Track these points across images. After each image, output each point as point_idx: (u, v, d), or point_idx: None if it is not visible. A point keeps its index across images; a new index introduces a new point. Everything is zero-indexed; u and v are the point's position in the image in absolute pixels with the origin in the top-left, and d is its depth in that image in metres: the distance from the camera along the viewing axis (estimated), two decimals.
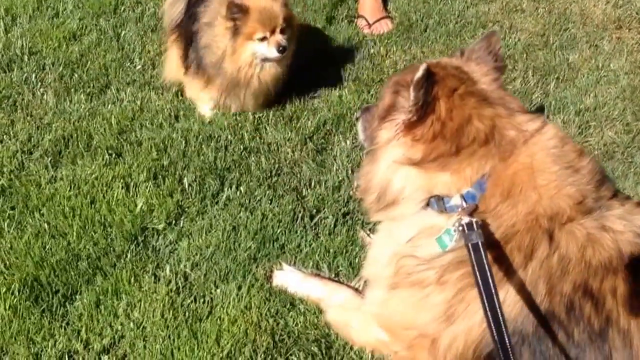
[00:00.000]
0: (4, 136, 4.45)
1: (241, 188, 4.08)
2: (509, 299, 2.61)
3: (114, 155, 4.32)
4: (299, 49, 4.78)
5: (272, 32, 4.37)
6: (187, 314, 3.33)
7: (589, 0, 6.28)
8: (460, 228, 2.57)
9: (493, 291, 2.42)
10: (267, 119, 4.69)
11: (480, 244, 2.49)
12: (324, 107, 4.80)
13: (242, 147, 4.41)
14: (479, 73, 2.84)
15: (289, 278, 3.52)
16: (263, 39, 4.38)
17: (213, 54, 4.49)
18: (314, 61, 5.27)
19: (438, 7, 6.17)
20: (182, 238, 3.76)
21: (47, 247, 3.66)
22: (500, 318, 2.39)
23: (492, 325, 2.38)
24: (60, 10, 5.98)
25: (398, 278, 2.85)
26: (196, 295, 3.44)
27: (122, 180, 4.10)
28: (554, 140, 2.71)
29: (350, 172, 4.21)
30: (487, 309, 2.40)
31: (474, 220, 2.56)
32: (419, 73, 2.59)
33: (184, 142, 4.43)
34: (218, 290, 3.45)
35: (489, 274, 2.44)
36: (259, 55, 4.42)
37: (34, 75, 5.04)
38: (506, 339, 2.36)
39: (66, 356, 3.16)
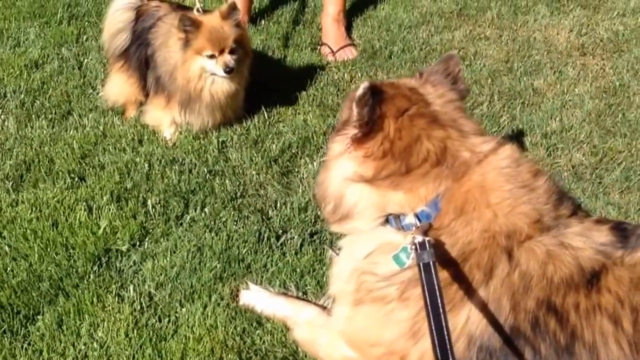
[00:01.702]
0: None
1: (206, 210, 4.04)
2: (473, 316, 2.59)
3: (76, 179, 4.28)
4: (262, 75, 4.79)
5: (221, 51, 4.42)
6: (151, 333, 3.27)
7: (553, 29, 6.36)
8: (413, 247, 2.55)
9: (441, 311, 2.38)
10: (232, 142, 4.67)
11: (431, 263, 2.47)
12: (289, 131, 4.79)
13: (206, 170, 4.38)
14: (434, 95, 2.84)
15: (256, 297, 3.47)
16: (212, 56, 4.43)
17: (168, 64, 4.56)
18: (278, 87, 5.27)
19: (402, 35, 6.21)
20: (146, 259, 3.70)
21: (8, 268, 3.59)
22: (447, 338, 2.34)
23: (438, 348, 2.34)
24: (21, 40, 6.01)
25: (360, 294, 2.82)
26: (161, 314, 3.37)
27: (84, 203, 4.05)
28: (507, 160, 2.71)
29: None
30: (434, 330, 2.36)
31: (426, 239, 2.54)
32: (360, 90, 2.61)
33: (147, 165, 4.39)
34: (183, 310, 3.39)
35: (438, 294, 2.40)
36: (208, 70, 4.47)
37: None
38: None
39: None
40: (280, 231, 3.90)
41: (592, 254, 2.57)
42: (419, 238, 2.53)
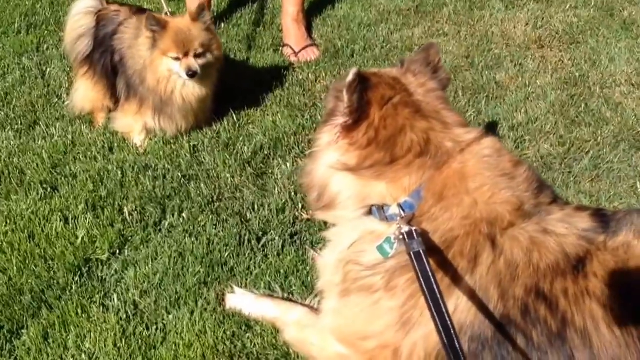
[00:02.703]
0: None
1: (183, 215, 4.03)
2: (461, 305, 2.59)
3: (49, 189, 4.23)
4: (227, 77, 4.78)
5: (186, 54, 4.38)
6: (140, 341, 3.24)
7: (509, 23, 6.45)
8: (401, 237, 2.57)
9: (439, 298, 2.41)
10: (203, 146, 4.65)
11: (422, 252, 2.48)
12: (259, 133, 4.79)
13: (180, 175, 4.36)
14: (415, 84, 2.83)
15: (242, 300, 3.46)
16: (177, 59, 4.39)
17: (137, 64, 4.52)
18: (244, 89, 5.27)
19: (362, 33, 6.25)
20: (127, 267, 3.67)
21: None
22: (450, 325, 2.37)
23: (443, 332, 2.37)
24: None
25: (347, 284, 2.81)
26: (148, 322, 3.35)
27: (59, 214, 4.00)
28: (488, 150, 2.72)
29: (293, 194, 4.19)
30: (436, 317, 2.39)
31: (413, 228, 2.56)
32: (350, 77, 2.60)
33: (120, 173, 4.36)
34: (170, 316, 3.38)
35: (433, 281, 2.43)
36: (173, 72, 4.44)
37: None
38: (457, 346, 2.35)
39: None
40: (261, 233, 3.90)
41: (575, 240, 2.59)
42: (405, 228, 2.55)
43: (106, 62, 4.64)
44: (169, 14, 4.60)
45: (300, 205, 4.11)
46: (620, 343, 2.49)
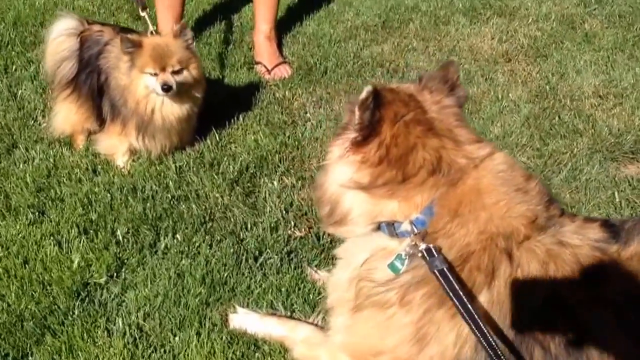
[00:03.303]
0: None
1: (177, 236, 4.02)
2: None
3: (37, 213, 4.18)
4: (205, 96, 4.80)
5: (163, 69, 4.39)
6: None
7: (475, 37, 6.58)
8: (420, 255, 2.62)
9: (476, 317, 2.47)
10: (189, 166, 4.65)
11: (446, 269, 2.53)
12: (243, 152, 4.81)
13: (169, 196, 4.36)
14: (430, 101, 2.84)
15: (246, 320, 3.47)
16: (154, 74, 4.40)
17: (119, 87, 4.52)
18: (222, 107, 5.27)
19: (333, 50, 6.31)
20: (127, 290, 3.65)
21: None
22: (491, 340, 2.44)
23: (488, 348, 2.43)
24: None
25: (359, 301, 2.83)
26: (155, 345, 3.34)
27: (52, 238, 3.96)
28: (502, 165, 2.76)
29: (284, 212, 4.21)
30: (477, 333, 2.45)
31: (431, 246, 2.60)
32: (364, 94, 2.62)
33: (108, 195, 4.33)
34: (177, 339, 3.36)
35: (465, 299, 2.48)
36: (151, 88, 4.44)
37: None
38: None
39: None
40: (257, 252, 3.91)
41: (589, 251, 2.64)
42: (423, 245, 2.60)
43: (92, 83, 4.61)
44: (154, 33, 4.59)
45: (292, 223, 4.14)
46: (637, 353, 2.58)
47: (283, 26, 6.75)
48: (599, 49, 6.34)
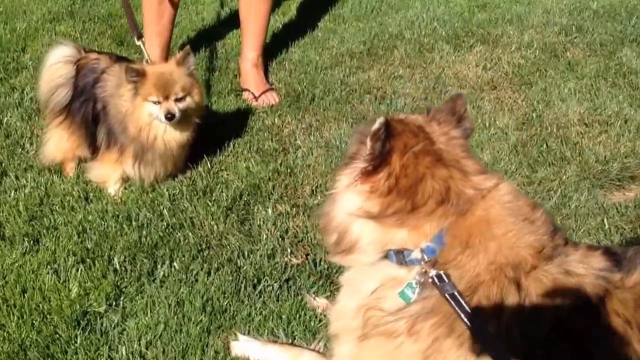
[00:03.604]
0: None
1: (175, 264, 4.02)
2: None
3: (32, 242, 4.16)
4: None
5: (166, 97, 4.41)
6: None
7: (460, 64, 6.65)
8: (430, 280, 2.64)
9: (487, 332, 2.51)
10: (182, 194, 4.65)
11: (456, 293, 2.56)
12: (235, 179, 4.82)
13: (164, 224, 4.35)
14: (438, 133, 2.88)
15: (248, 347, 3.47)
16: (157, 102, 4.41)
17: (119, 113, 4.52)
18: (211, 135, 5.27)
19: (320, 77, 6.35)
20: (127, 318, 3.64)
21: None
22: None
23: None
24: None
25: (367, 330, 2.83)
26: None
27: (48, 267, 3.94)
28: (508, 195, 2.79)
29: (280, 239, 4.23)
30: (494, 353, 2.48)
31: (441, 272, 2.64)
32: (376, 125, 2.66)
33: (103, 223, 4.32)
34: None
35: (476, 320, 2.52)
36: (154, 116, 4.46)
37: None
38: None
39: None
40: (255, 280, 3.91)
41: (594, 280, 2.67)
42: (433, 272, 2.63)
43: (87, 111, 4.61)
44: (150, 62, 4.60)
45: (289, 250, 4.15)
46: None
47: (268, 52, 6.75)
48: (582, 77, 6.43)
